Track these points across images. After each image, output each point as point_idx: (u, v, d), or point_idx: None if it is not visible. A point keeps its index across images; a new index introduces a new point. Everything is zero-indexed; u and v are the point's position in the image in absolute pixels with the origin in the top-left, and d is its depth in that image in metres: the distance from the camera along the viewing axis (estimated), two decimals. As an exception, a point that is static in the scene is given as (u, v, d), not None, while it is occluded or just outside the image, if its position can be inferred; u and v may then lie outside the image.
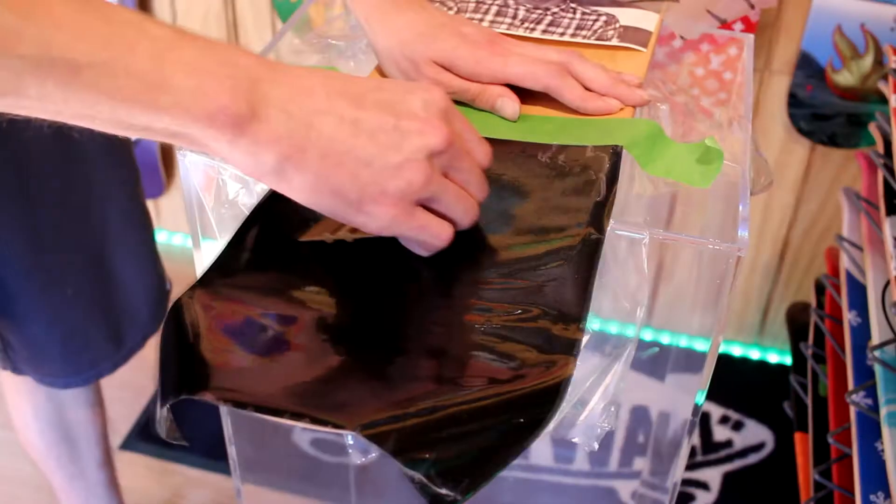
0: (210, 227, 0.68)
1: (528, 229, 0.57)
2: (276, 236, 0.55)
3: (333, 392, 0.46)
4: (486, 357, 0.48)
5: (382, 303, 0.52)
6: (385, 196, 0.49)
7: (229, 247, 0.54)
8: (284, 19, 1.56)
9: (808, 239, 1.56)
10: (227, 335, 0.49)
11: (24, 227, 0.89)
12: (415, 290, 0.53)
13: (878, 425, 0.98)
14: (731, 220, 0.61)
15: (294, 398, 0.45)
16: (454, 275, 0.54)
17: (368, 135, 0.49)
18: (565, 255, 0.54)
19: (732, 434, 1.54)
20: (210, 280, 0.52)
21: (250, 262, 0.54)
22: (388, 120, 0.49)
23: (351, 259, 0.55)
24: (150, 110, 0.44)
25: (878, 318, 1.04)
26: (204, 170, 0.66)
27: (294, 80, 0.48)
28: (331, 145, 0.48)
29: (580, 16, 0.76)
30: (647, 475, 1.04)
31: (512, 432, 0.44)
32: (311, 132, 0.47)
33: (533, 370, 0.47)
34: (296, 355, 0.48)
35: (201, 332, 0.48)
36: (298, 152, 0.47)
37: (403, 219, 0.50)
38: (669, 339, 1.33)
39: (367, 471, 1.31)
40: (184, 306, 0.50)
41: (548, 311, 0.51)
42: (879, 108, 1.29)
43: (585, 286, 0.52)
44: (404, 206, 0.50)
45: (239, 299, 0.51)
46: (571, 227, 0.56)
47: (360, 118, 0.49)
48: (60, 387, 1.03)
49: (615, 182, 0.59)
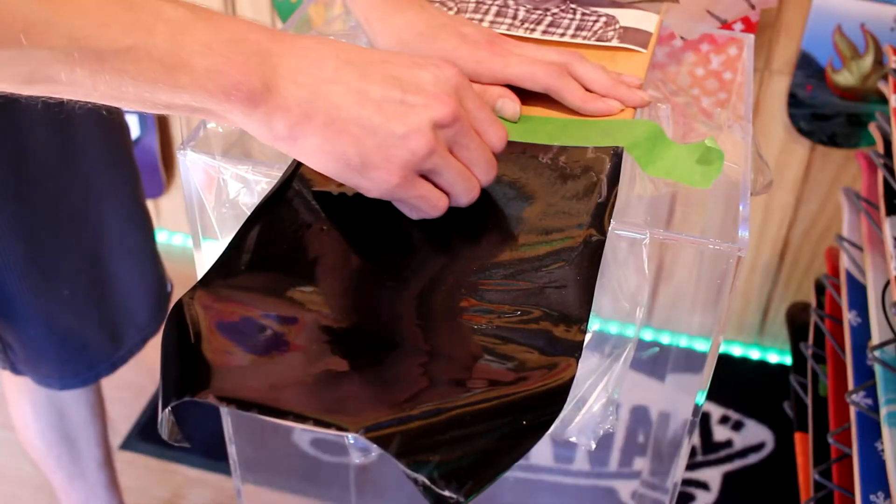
0: (210, 227, 0.68)
1: (530, 230, 0.57)
2: (276, 237, 0.55)
3: (336, 393, 0.46)
4: (488, 359, 0.48)
5: (384, 304, 0.52)
6: (388, 164, 0.51)
7: (230, 247, 0.54)
8: (284, 19, 1.56)
9: (808, 239, 1.56)
10: (229, 336, 0.49)
11: (21, 227, 0.89)
12: (417, 292, 0.53)
13: (878, 425, 0.98)
14: (732, 220, 0.61)
15: (297, 399, 0.45)
16: (456, 276, 0.54)
17: (375, 105, 0.51)
18: (567, 257, 0.54)
19: (732, 434, 1.54)
20: (211, 280, 0.52)
21: (251, 263, 0.54)
22: (394, 92, 0.51)
23: (353, 260, 0.55)
24: (171, 90, 0.47)
25: (878, 318, 1.04)
26: (204, 170, 0.66)
27: (303, 51, 0.51)
28: (337, 113, 0.50)
29: (580, 17, 0.76)
30: (647, 475, 1.04)
31: (515, 434, 0.44)
32: (319, 100, 0.50)
33: (535, 372, 0.47)
34: (298, 356, 0.48)
35: (202, 332, 0.48)
36: (306, 119, 0.50)
37: (404, 187, 0.52)
38: (669, 339, 1.33)
39: (367, 471, 1.31)
40: (184, 307, 0.50)
41: (550, 312, 0.51)
42: (879, 108, 1.30)
43: (587, 288, 0.52)
44: (406, 174, 0.52)
45: (240, 300, 0.51)
46: (573, 229, 0.56)
47: (367, 88, 0.51)
48: (58, 388, 1.03)
49: (616, 183, 0.59)
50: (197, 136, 0.66)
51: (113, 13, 0.45)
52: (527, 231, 0.56)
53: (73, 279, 0.95)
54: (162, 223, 1.88)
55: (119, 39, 0.45)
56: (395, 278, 0.54)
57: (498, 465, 0.43)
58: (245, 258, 0.54)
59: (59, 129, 0.87)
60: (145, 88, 0.47)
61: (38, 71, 0.45)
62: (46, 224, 0.91)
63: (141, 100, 0.48)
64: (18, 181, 0.86)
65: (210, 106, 0.48)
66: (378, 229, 0.57)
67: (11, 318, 0.95)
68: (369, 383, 0.47)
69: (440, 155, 0.52)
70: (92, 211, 0.94)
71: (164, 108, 0.49)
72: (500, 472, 0.43)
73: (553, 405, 0.46)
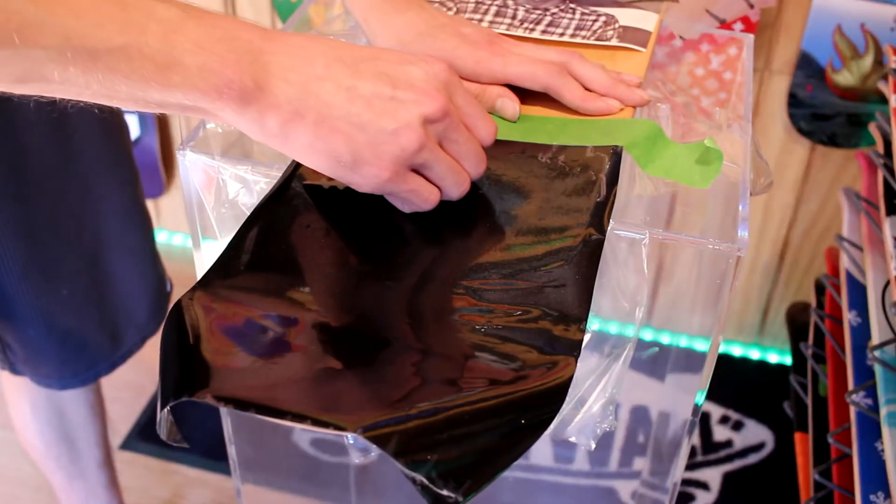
0: (210, 227, 0.68)
1: (529, 230, 0.57)
2: (275, 237, 0.55)
3: (334, 393, 0.46)
4: (487, 358, 0.48)
5: (383, 303, 0.52)
6: (379, 160, 0.51)
7: (229, 248, 0.54)
8: (284, 19, 1.56)
9: (808, 239, 1.56)
10: (228, 336, 0.49)
11: (20, 228, 0.89)
12: (415, 291, 0.53)
13: (878, 425, 0.98)
14: (731, 220, 0.61)
15: (295, 399, 0.45)
16: (455, 276, 0.54)
17: (365, 101, 0.51)
18: (566, 256, 0.54)
19: (732, 434, 1.54)
20: (210, 281, 0.52)
21: (250, 263, 0.54)
22: (384, 88, 0.51)
23: (352, 260, 0.55)
24: (164, 88, 0.47)
25: (878, 318, 1.04)
26: (204, 170, 0.66)
27: (294, 48, 0.51)
28: (328, 110, 0.50)
29: (579, 16, 0.76)
30: (647, 475, 1.04)
31: (514, 433, 0.44)
32: (310, 98, 0.50)
33: (534, 371, 0.47)
34: (296, 356, 0.48)
35: (201, 333, 0.48)
36: (298, 117, 0.50)
37: (395, 182, 0.53)
38: (669, 339, 1.33)
39: (367, 471, 1.31)
40: (184, 308, 0.50)
41: (549, 311, 0.51)
42: (879, 108, 1.29)
43: (586, 287, 0.52)
44: (397, 169, 0.52)
45: (238, 301, 0.51)
46: (572, 228, 0.56)
47: (357, 85, 0.51)
48: (58, 388, 1.03)
49: (615, 182, 0.59)
50: (196, 136, 0.66)
51: (107, 13, 0.45)
52: (526, 230, 0.56)
53: (73, 279, 0.96)
54: (162, 223, 1.88)
55: (112, 38, 0.45)
56: (394, 277, 0.54)
57: (497, 465, 0.43)
58: (244, 258, 0.54)
59: (57, 128, 0.87)
60: (138, 87, 0.47)
61: (31, 70, 0.45)
62: (46, 224, 0.91)
63: (133, 98, 0.48)
64: (18, 182, 0.86)
65: (202, 104, 0.49)
66: (378, 228, 0.57)
67: (11, 318, 0.95)
68: (368, 382, 0.47)
69: (430, 150, 0.53)
70: (91, 211, 0.94)
71: (157, 106, 0.49)
72: (499, 471, 0.43)
73: (552, 404, 0.46)
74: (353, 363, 0.48)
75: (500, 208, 0.58)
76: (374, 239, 0.56)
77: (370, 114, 0.51)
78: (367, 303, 0.53)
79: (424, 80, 0.53)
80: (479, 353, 0.49)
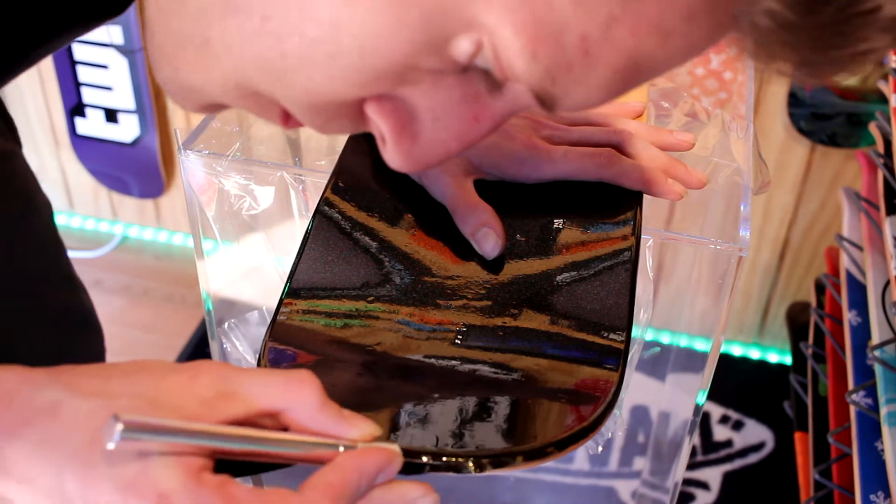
0: (210, 228, 0.68)
1: (568, 251, 0.57)
2: (339, 258, 0.56)
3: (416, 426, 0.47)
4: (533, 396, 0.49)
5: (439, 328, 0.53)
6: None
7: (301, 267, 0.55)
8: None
9: (808, 239, 1.56)
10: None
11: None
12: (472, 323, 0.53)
13: (878, 425, 0.98)
14: (732, 220, 0.61)
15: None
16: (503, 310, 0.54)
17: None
18: (603, 268, 0.54)
19: (732, 434, 1.54)
20: (282, 322, 0.52)
21: (322, 293, 0.54)
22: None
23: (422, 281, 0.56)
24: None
25: (878, 317, 1.04)
26: (205, 171, 0.66)
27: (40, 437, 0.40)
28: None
29: None
30: (647, 475, 1.04)
31: (536, 454, 0.45)
32: None
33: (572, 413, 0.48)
34: (376, 389, 0.49)
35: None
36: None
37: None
38: (669, 339, 1.33)
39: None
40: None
41: (588, 331, 0.52)
42: (879, 108, 1.29)
43: (626, 302, 0.53)
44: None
45: (314, 343, 0.52)
46: (606, 240, 0.56)
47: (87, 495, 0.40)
48: None
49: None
50: (197, 136, 0.66)
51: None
52: (564, 252, 0.57)
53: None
54: (162, 223, 1.88)
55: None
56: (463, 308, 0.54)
57: (523, 459, 0.45)
58: (316, 287, 0.54)
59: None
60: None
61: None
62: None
63: None
64: None
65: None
66: (437, 246, 0.57)
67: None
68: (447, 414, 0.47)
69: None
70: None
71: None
72: (522, 465, 0.44)
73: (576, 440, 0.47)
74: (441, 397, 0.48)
75: (535, 242, 0.58)
76: (436, 259, 0.56)
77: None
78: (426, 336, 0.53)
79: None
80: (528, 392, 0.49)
